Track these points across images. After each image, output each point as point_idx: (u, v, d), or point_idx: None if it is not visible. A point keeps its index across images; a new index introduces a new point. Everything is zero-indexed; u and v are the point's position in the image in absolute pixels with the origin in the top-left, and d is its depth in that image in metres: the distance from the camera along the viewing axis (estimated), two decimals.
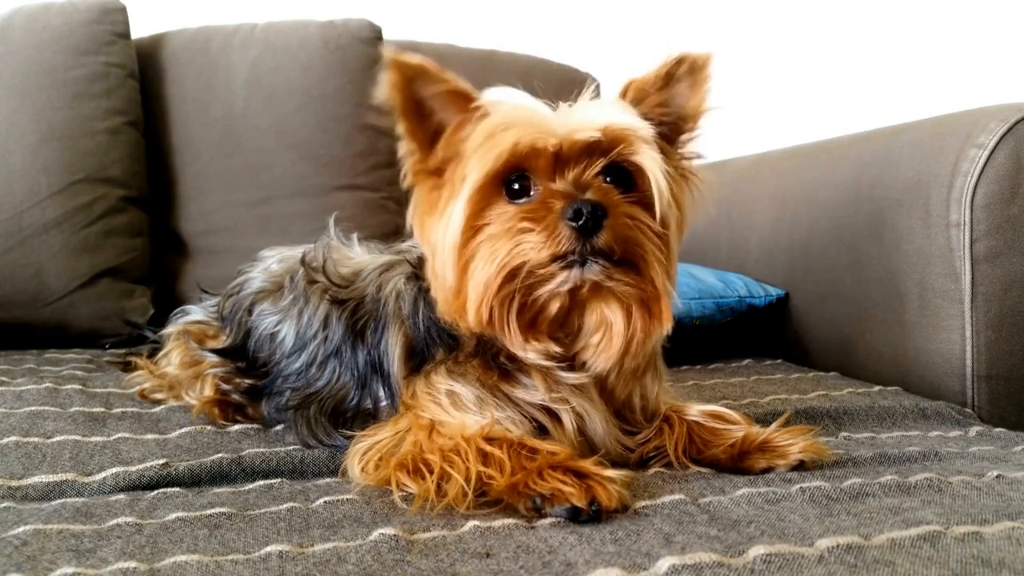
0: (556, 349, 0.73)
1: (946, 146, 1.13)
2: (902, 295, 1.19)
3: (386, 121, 0.77)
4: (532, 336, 0.72)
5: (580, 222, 0.67)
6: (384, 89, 0.73)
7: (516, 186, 0.72)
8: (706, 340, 1.42)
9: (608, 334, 0.73)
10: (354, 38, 1.69)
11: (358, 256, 0.94)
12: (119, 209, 1.54)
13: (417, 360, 0.79)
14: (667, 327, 0.74)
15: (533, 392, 0.75)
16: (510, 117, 0.71)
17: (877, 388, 1.15)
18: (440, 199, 0.74)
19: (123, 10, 1.62)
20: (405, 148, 0.76)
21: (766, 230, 1.54)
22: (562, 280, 0.69)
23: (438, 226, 0.73)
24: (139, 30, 1.68)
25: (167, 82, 1.67)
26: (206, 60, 1.67)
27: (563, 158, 0.71)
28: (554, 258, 0.68)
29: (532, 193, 0.72)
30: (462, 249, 0.71)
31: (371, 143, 1.68)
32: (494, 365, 0.76)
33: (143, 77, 1.65)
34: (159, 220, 1.64)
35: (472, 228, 0.71)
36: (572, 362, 0.75)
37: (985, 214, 1.08)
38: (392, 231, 1.65)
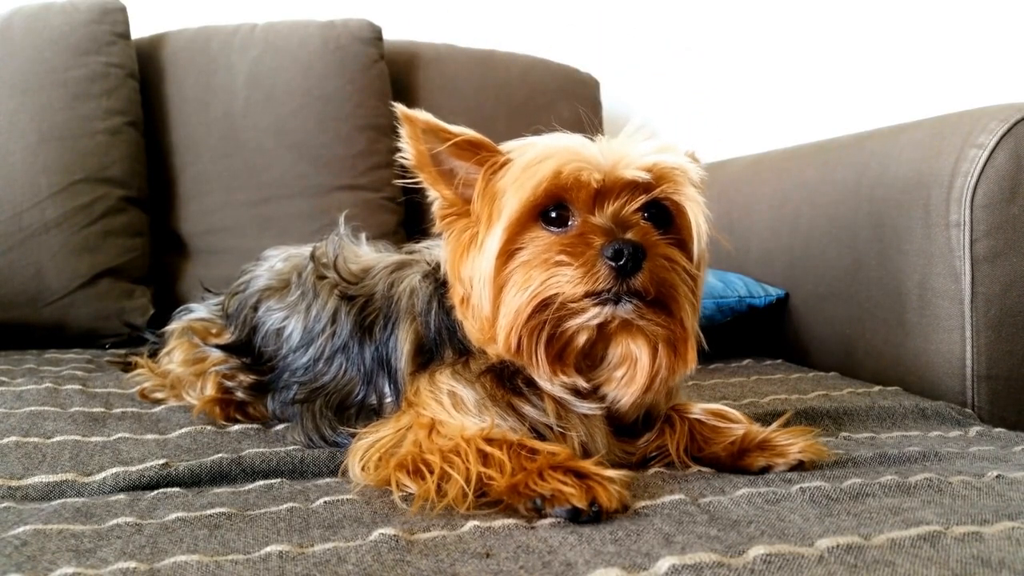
0: (584, 385, 0.73)
1: (946, 146, 1.13)
2: (902, 295, 1.19)
3: (384, 121, 0.78)
4: (560, 369, 0.73)
5: (620, 262, 0.67)
6: (404, 143, 0.75)
7: (553, 215, 0.72)
8: (706, 340, 1.42)
9: (632, 369, 0.73)
10: (354, 38, 1.69)
11: (366, 254, 0.95)
12: (119, 209, 1.54)
13: (425, 358, 0.79)
14: (691, 368, 0.74)
15: (542, 415, 0.75)
16: (550, 149, 0.72)
17: (877, 388, 1.15)
18: (474, 236, 0.74)
19: (123, 10, 1.62)
20: (431, 196, 0.78)
21: (766, 230, 1.54)
22: (592, 315, 0.70)
23: (473, 260, 0.73)
24: (139, 30, 1.68)
25: (167, 82, 1.67)
26: (206, 60, 1.67)
27: (604, 191, 0.71)
28: (588, 294, 0.69)
29: (569, 224, 0.71)
30: (496, 276, 0.71)
31: (371, 143, 1.67)
32: (509, 385, 0.76)
33: (143, 77, 1.65)
34: (159, 220, 1.64)
35: (506, 253, 0.71)
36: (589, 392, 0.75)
37: (985, 214, 1.08)
38: (392, 231, 1.66)
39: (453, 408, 0.74)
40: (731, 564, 0.54)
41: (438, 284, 0.81)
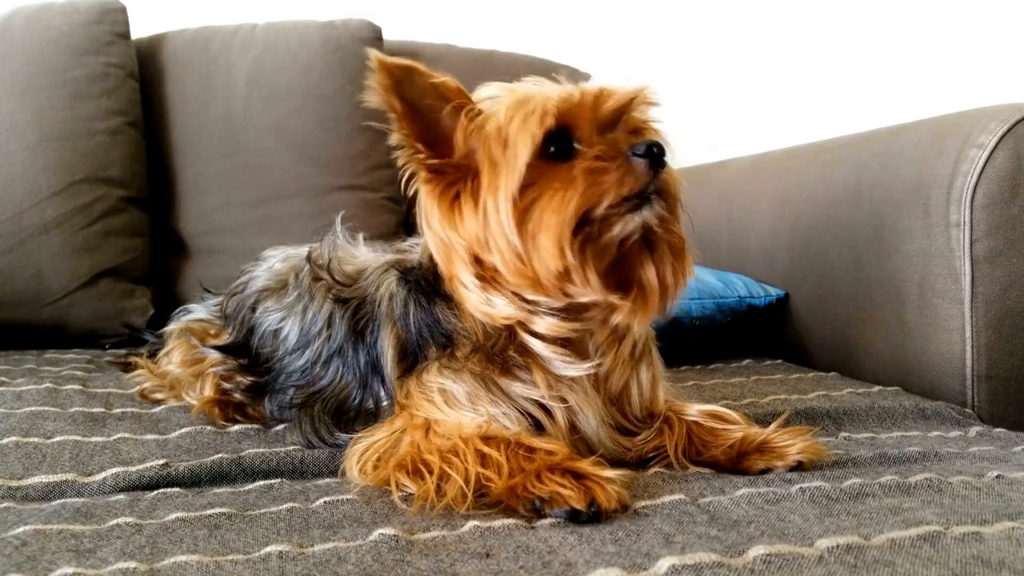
0: (619, 302, 0.73)
1: (946, 146, 1.13)
2: (902, 295, 1.19)
3: (383, 122, 0.77)
4: (608, 286, 0.72)
5: (653, 155, 0.69)
6: (374, 93, 0.72)
7: (554, 149, 0.71)
8: (706, 340, 1.42)
9: (648, 287, 0.74)
10: (354, 38, 1.69)
11: (363, 255, 0.94)
12: (119, 209, 1.54)
13: (410, 361, 0.79)
14: (692, 276, 0.77)
15: (532, 388, 0.75)
16: (539, 89, 0.72)
17: (877, 388, 1.15)
18: (467, 192, 0.72)
19: (123, 10, 1.63)
20: (404, 154, 0.75)
21: (766, 230, 1.54)
22: (632, 220, 0.70)
23: (478, 214, 0.71)
24: (139, 30, 1.68)
25: (167, 82, 1.67)
26: (206, 60, 1.67)
27: (601, 118, 0.72)
28: (630, 195, 0.69)
29: (575, 153, 0.71)
30: (518, 211, 0.69)
31: (371, 143, 1.67)
32: (499, 359, 0.75)
33: (143, 77, 1.65)
34: (159, 220, 1.64)
35: (523, 189, 0.70)
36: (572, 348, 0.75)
37: (985, 214, 1.07)
38: (392, 231, 1.66)
39: (445, 405, 0.74)
40: (731, 564, 0.54)
41: (412, 283, 0.80)
